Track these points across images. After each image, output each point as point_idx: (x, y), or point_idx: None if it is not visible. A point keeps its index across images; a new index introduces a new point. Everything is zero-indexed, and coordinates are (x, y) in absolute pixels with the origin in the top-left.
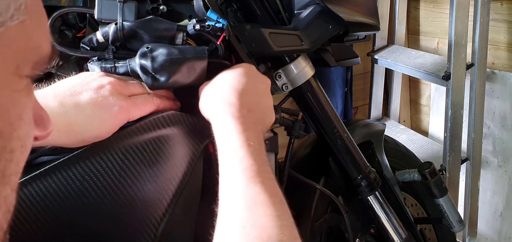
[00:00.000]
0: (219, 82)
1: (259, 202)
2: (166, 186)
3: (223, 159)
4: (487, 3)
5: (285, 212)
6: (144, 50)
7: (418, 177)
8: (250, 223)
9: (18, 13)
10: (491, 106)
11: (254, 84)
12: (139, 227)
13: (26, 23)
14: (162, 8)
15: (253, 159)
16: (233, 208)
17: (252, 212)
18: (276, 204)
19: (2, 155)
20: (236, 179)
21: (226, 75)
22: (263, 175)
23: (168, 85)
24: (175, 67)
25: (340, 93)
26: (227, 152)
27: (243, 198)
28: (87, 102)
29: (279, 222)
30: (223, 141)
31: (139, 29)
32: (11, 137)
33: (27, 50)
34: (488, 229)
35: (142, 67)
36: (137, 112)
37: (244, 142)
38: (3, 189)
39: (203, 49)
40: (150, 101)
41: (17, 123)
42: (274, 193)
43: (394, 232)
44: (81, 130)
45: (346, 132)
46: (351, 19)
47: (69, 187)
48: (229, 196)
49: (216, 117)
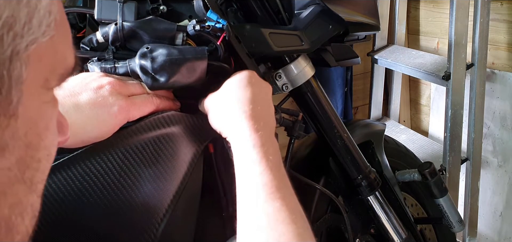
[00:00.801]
0: (229, 94)
1: (280, 219)
2: (166, 186)
3: (241, 173)
4: (487, 3)
5: (306, 228)
6: (144, 50)
7: (418, 177)
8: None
9: (49, 30)
10: (491, 106)
11: (260, 93)
12: (139, 227)
13: (55, 38)
14: (162, 8)
15: (273, 174)
16: (254, 226)
17: (274, 230)
18: (297, 221)
19: (31, 164)
20: (256, 194)
21: (233, 86)
22: (284, 190)
23: (168, 85)
24: (175, 68)
25: (340, 93)
26: (246, 166)
27: (265, 215)
28: (86, 102)
29: (300, 239)
30: (241, 154)
31: (139, 30)
32: (38, 147)
33: (55, 63)
34: (488, 229)
35: (142, 68)
36: (137, 112)
37: (263, 156)
38: (31, 196)
39: (203, 50)
40: (149, 101)
41: (44, 133)
42: (295, 209)
43: (394, 232)
44: (80, 130)
45: (346, 132)
46: (351, 19)
47: (69, 187)
48: (250, 213)
49: (233, 131)
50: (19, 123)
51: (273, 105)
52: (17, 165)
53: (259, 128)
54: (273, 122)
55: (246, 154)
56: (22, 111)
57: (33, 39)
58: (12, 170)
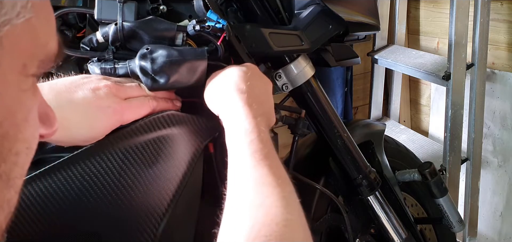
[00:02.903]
0: (227, 74)
1: (266, 182)
2: (166, 186)
3: (232, 141)
4: (487, 3)
5: (291, 192)
6: (144, 51)
7: (418, 177)
8: (258, 202)
9: (25, 11)
10: (491, 106)
11: (259, 82)
12: (139, 227)
13: (33, 21)
14: (162, 8)
15: (262, 144)
16: (241, 188)
17: (260, 192)
18: (283, 185)
19: (8, 157)
20: (245, 161)
21: (233, 68)
22: (271, 159)
23: (167, 86)
24: (175, 69)
25: (340, 93)
26: (237, 135)
27: (251, 179)
28: (81, 100)
29: (285, 202)
30: (233, 124)
31: (139, 30)
32: (16, 139)
33: (34, 48)
34: (488, 229)
35: (142, 69)
36: (131, 115)
37: (255, 126)
38: (8, 192)
39: (203, 50)
40: (145, 104)
41: (23, 125)
42: (281, 175)
43: (394, 232)
44: (73, 126)
45: (346, 131)
46: (351, 19)
47: (69, 187)
48: (238, 178)
49: (226, 104)
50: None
51: (274, 103)
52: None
53: (252, 102)
54: (270, 113)
55: (237, 123)
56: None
57: (5, 20)
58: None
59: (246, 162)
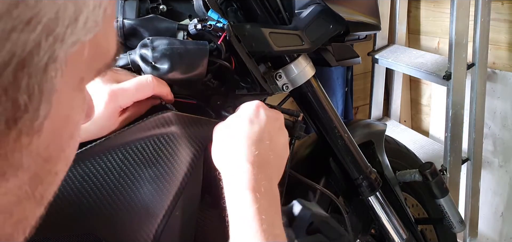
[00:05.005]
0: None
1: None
2: (166, 187)
3: (235, 226)
4: (488, 2)
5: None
6: (145, 41)
7: (419, 177)
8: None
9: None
10: (492, 106)
11: (268, 129)
12: (139, 227)
13: (99, 34)
14: (162, 7)
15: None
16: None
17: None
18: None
19: (45, 178)
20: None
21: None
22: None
23: (168, 76)
24: (176, 58)
25: (340, 93)
26: (239, 222)
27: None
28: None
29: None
30: (236, 207)
31: (139, 27)
32: (58, 160)
33: (94, 61)
34: (489, 230)
35: (142, 57)
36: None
37: (256, 214)
38: (38, 210)
39: (205, 44)
40: (143, 83)
41: (67, 143)
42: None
43: (395, 232)
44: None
45: (346, 132)
46: (352, 18)
47: (68, 187)
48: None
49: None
50: (42, 138)
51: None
52: (30, 181)
53: (257, 178)
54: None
55: (240, 209)
56: (48, 125)
57: (75, 41)
58: (22, 188)
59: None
